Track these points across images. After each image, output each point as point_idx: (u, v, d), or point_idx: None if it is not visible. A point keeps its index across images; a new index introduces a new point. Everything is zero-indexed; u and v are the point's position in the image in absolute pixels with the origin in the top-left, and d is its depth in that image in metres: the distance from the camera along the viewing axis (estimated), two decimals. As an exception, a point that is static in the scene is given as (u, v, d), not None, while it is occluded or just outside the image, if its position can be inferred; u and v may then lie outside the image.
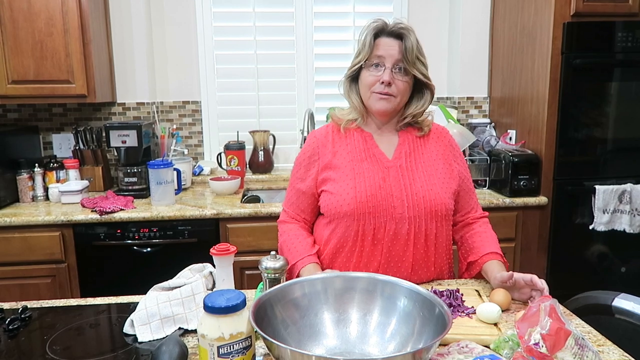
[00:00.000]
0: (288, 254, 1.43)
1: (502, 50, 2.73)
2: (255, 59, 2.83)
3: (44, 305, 1.30)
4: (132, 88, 2.70)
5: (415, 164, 1.40)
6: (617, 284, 2.43)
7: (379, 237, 1.35)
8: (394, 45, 1.34)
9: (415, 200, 1.35)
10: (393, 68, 1.34)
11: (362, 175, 1.37)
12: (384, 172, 1.37)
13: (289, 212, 1.51)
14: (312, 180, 1.44)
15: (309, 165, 1.45)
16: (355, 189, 1.35)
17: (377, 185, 1.35)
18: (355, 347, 1.02)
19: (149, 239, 2.20)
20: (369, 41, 1.35)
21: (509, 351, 0.97)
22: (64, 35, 2.30)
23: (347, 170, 1.38)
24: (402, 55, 1.33)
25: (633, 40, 2.28)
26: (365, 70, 1.37)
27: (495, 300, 1.20)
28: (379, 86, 1.35)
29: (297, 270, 1.38)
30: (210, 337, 0.88)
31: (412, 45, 1.33)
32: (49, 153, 2.71)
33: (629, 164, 2.39)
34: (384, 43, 1.35)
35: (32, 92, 2.34)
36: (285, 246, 1.45)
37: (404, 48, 1.33)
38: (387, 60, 1.34)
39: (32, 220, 2.13)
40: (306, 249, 1.41)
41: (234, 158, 2.63)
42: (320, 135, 1.46)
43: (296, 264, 1.39)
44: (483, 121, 2.85)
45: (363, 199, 1.34)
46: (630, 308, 1.27)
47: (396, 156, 1.40)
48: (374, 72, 1.35)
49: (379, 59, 1.35)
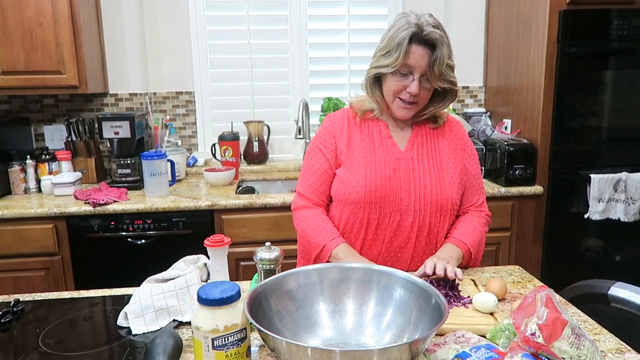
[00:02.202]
0: (315, 237, 1.38)
1: (498, 39, 2.71)
2: (249, 48, 2.80)
3: (37, 298, 1.29)
4: (125, 79, 2.67)
5: (426, 157, 1.40)
6: (612, 272, 2.44)
7: (383, 226, 1.36)
8: (425, 55, 1.28)
9: (423, 193, 1.35)
10: (420, 78, 1.30)
11: (374, 164, 1.37)
12: (395, 163, 1.37)
13: (307, 195, 1.45)
14: (331, 159, 1.43)
15: (327, 147, 1.43)
16: (366, 177, 1.36)
17: (387, 176, 1.36)
18: (351, 337, 1.02)
19: (143, 231, 2.19)
20: (404, 48, 1.27)
21: (505, 340, 0.97)
22: (54, 25, 2.26)
23: (360, 157, 1.39)
24: (429, 67, 1.29)
25: (629, 28, 2.27)
26: (391, 76, 1.32)
27: (491, 290, 1.20)
28: (405, 94, 1.32)
29: (329, 252, 1.35)
30: (204, 329, 0.87)
31: (442, 58, 1.28)
32: (40, 145, 2.68)
33: (624, 153, 2.39)
34: (416, 52, 1.28)
35: (23, 83, 2.30)
36: (311, 230, 1.40)
37: (432, 60, 1.28)
38: (415, 70, 1.29)
39: (24, 212, 2.11)
40: (334, 231, 1.39)
41: (228, 149, 2.61)
42: (337, 120, 1.45)
43: (326, 246, 1.35)
44: (478, 110, 2.84)
45: (372, 188, 1.35)
46: (626, 296, 1.27)
47: (408, 148, 1.40)
48: (401, 81, 1.31)
49: (408, 69, 1.30)
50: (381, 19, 2.84)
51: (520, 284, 1.33)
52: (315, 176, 1.44)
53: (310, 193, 1.45)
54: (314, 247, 1.38)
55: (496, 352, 0.87)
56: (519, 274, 1.41)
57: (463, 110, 2.89)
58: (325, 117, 1.50)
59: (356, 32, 2.83)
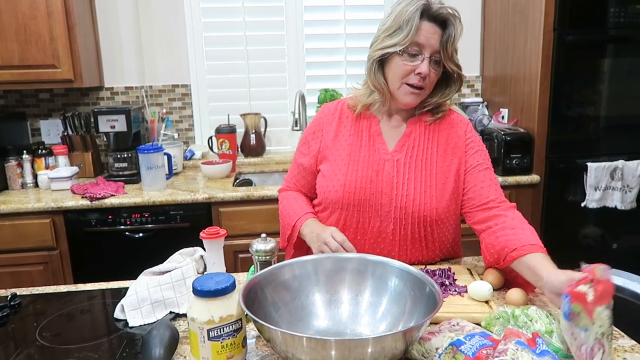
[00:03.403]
0: (287, 218, 1.39)
1: (494, 27, 2.70)
2: (244, 40, 2.78)
3: (34, 292, 1.29)
4: (120, 72, 2.65)
5: (414, 160, 1.30)
6: (609, 260, 2.41)
7: (362, 231, 1.32)
8: (435, 34, 1.20)
9: (405, 202, 1.27)
10: (430, 59, 1.21)
11: (357, 163, 1.32)
12: (379, 165, 1.30)
13: (291, 185, 1.50)
14: (313, 157, 1.40)
15: (313, 141, 1.40)
16: (346, 176, 1.31)
17: (368, 179, 1.29)
18: (346, 327, 1.02)
19: (141, 224, 2.19)
20: (416, 23, 1.17)
21: (499, 328, 0.98)
22: (48, 19, 2.25)
23: (344, 154, 1.34)
24: (442, 46, 1.20)
25: (626, 15, 2.26)
26: (399, 57, 1.22)
27: (486, 280, 1.20)
28: (414, 77, 1.22)
29: (297, 230, 1.35)
30: (200, 321, 0.87)
31: (454, 36, 1.20)
32: (37, 139, 2.67)
33: (620, 141, 2.39)
34: (426, 29, 1.19)
35: (18, 78, 2.29)
36: (285, 211, 1.42)
37: (445, 38, 1.20)
38: (426, 49, 1.20)
39: (22, 207, 2.11)
40: (303, 208, 1.38)
41: (225, 142, 2.60)
42: (329, 111, 1.40)
43: (295, 225, 1.36)
44: (475, 100, 2.84)
45: (351, 189, 1.29)
46: (622, 284, 1.28)
47: (397, 149, 1.31)
48: (410, 62, 1.21)
49: (418, 48, 1.20)
50: (377, 9, 2.82)
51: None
52: (298, 169, 1.46)
53: (292, 183, 1.49)
54: (287, 228, 1.38)
55: (490, 340, 0.87)
56: (515, 262, 1.41)
57: (460, 100, 2.88)
58: (322, 106, 1.48)
59: (352, 23, 2.81)
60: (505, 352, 0.81)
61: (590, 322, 0.81)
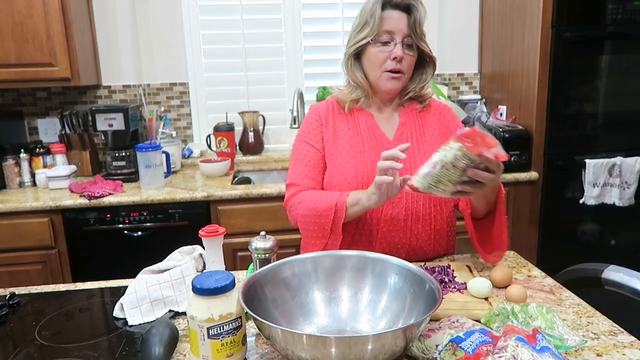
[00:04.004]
0: (322, 204, 1.26)
1: (493, 24, 2.70)
2: (242, 38, 2.78)
3: (33, 291, 1.29)
4: (118, 70, 2.65)
5: (416, 145, 1.35)
6: (607, 256, 2.44)
7: (376, 221, 1.32)
8: (402, 19, 1.28)
9: None
10: (402, 43, 1.29)
11: (363, 154, 1.33)
12: None
13: (297, 182, 1.37)
14: (319, 150, 1.37)
15: (314, 138, 1.38)
16: (356, 167, 1.32)
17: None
18: (346, 325, 1.02)
19: (139, 223, 2.19)
20: (378, 14, 1.27)
21: (499, 324, 0.98)
22: (44, 17, 2.24)
23: (347, 147, 1.35)
24: (411, 29, 1.28)
25: (624, 12, 2.26)
26: (372, 47, 1.30)
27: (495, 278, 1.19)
28: (390, 63, 1.29)
29: (343, 206, 1.23)
30: (199, 319, 0.87)
31: (420, 18, 1.28)
32: (34, 138, 2.67)
33: (619, 138, 2.39)
34: (392, 16, 1.28)
35: (14, 76, 2.28)
36: (314, 203, 1.28)
37: (412, 21, 1.28)
38: (396, 34, 1.28)
39: (19, 206, 2.10)
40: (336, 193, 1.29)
41: (223, 140, 2.60)
42: (322, 110, 1.42)
43: (337, 203, 1.24)
44: (474, 97, 2.83)
45: (363, 180, 1.30)
46: (619, 279, 1.28)
47: (397, 137, 1.36)
48: (384, 48, 1.29)
49: (389, 35, 1.28)
50: (375, 7, 2.82)
51: (515, 269, 1.34)
52: (305, 164, 1.38)
53: (301, 179, 1.37)
54: (327, 212, 1.26)
55: (490, 336, 0.87)
56: (514, 259, 1.41)
57: (458, 97, 2.88)
58: (310, 107, 1.47)
59: (350, 20, 2.76)
60: (505, 349, 0.81)
61: (446, 147, 1.00)
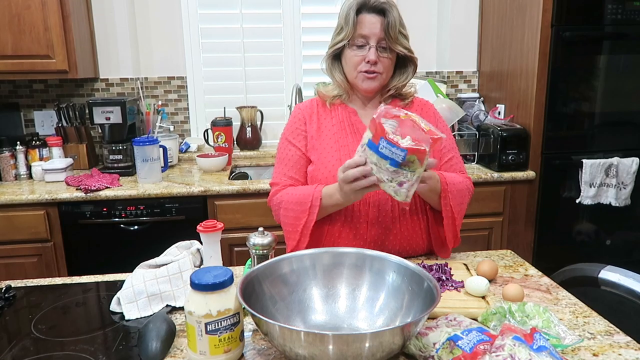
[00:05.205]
0: (297, 205, 1.31)
1: (492, 23, 2.70)
2: (241, 33, 2.76)
3: (29, 284, 1.28)
4: (115, 63, 2.63)
5: None
6: (603, 256, 2.46)
7: (365, 212, 1.33)
8: (377, 23, 1.31)
9: None
10: (377, 46, 1.32)
11: (347, 148, 1.36)
12: None
13: (278, 181, 1.41)
14: (300, 149, 1.41)
15: (297, 137, 1.42)
16: (340, 161, 1.31)
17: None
18: (344, 322, 1.02)
19: (136, 217, 2.18)
20: (352, 19, 1.31)
21: (496, 323, 0.98)
22: (42, 8, 2.22)
23: (332, 142, 1.38)
24: (385, 32, 1.31)
25: (623, 12, 2.26)
26: (349, 50, 1.34)
27: (481, 271, 1.21)
28: (365, 65, 1.33)
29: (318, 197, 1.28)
30: (197, 314, 0.87)
31: (394, 21, 1.30)
32: (31, 131, 2.65)
33: (616, 138, 2.40)
34: (367, 20, 1.32)
35: (11, 68, 2.27)
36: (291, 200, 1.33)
37: (386, 24, 1.30)
38: (371, 39, 1.31)
39: (15, 199, 2.09)
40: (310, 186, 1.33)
41: (221, 134, 2.59)
42: (306, 108, 1.45)
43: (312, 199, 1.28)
44: (472, 96, 2.83)
45: None
46: (616, 280, 1.28)
47: None
48: (359, 52, 1.33)
49: (363, 39, 1.32)
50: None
51: (512, 267, 1.34)
52: (285, 164, 1.42)
53: (280, 179, 1.41)
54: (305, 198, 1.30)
55: (487, 335, 0.87)
56: (511, 258, 1.42)
57: (457, 95, 2.88)
58: (295, 106, 1.48)
59: (350, 16, 2.79)
60: (502, 348, 0.81)
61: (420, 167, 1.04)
